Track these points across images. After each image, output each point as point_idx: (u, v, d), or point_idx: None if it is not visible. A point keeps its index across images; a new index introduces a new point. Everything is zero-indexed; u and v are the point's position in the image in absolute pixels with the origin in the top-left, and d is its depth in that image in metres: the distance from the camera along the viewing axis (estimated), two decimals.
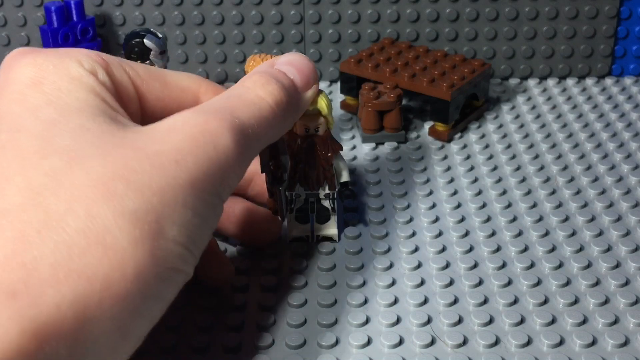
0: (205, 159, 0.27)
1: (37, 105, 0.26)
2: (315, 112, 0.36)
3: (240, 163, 0.29)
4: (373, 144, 0.49)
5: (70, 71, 0.28)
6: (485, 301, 0.35)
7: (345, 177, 0.38)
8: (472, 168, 0.46)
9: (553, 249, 0.39)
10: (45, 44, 0.51)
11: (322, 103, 0.36)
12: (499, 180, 0.45)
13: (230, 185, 0.29)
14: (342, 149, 0.37)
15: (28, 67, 0.28)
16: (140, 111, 0.31)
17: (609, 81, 0.58)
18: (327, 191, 0.38)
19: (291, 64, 0.34)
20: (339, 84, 0.54)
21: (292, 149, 0.37)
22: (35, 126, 0.26)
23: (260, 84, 0.31)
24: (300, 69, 0.34)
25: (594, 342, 0.33)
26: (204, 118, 0.28)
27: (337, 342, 0.33)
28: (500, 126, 0.51)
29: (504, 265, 0.37)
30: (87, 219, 0.23)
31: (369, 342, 0.33)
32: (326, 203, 0.38)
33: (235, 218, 0.38)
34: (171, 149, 0.26)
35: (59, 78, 0.27)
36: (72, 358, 0.23)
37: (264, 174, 0.37)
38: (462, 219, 0.41)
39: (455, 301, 0.35)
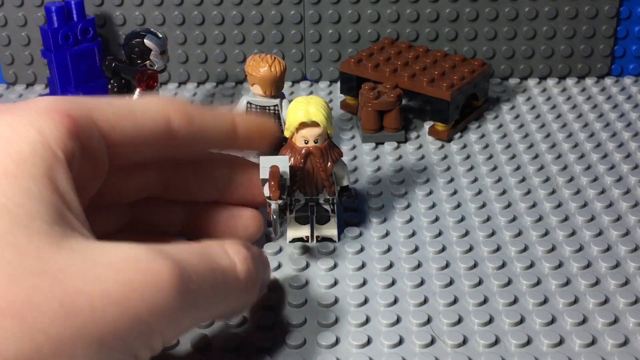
0: (131, 313, 0.23)
1: None
2: (314, 124, 0.36)
3: (179, 319, 0.25)
4: (373, 144, 0.49)
5: (24, 151, 0.24)
6: (485, 301, 0.35)
7: (345, 181, 0.38)
8: (472, 168, 0.46)
9: (553, 249, 0.39)
10: (46, 44, 0.51)
11: (320, 115, 0.36)
12: (499, 180, 0.45)
13: (158, 341, 0.25)
14: (341, 155, 0.37)
15: None
16: (109, 160, 0.29)
17: (608, 81, 0.58)
18: (326, 196, 0.38)
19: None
20: (339, 84, 0.54)
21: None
22: None
23: (242, 257, 0.28)
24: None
25: (593, 342, 0.33)
26: (152, 260, 0.24)
27: (337, 342, 0.33)
28: (500, 126, 0.51)
29: (503, 265, 0.37)
30: None
31: (369, 342, 0.33)
32: (326, 206, 0.38)
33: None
34: (95, 291, 0.22)
35: (7, 158, 0.24)
36: None
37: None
38: (462, 219, 0.41)
39: (455, 301, 0.35)
